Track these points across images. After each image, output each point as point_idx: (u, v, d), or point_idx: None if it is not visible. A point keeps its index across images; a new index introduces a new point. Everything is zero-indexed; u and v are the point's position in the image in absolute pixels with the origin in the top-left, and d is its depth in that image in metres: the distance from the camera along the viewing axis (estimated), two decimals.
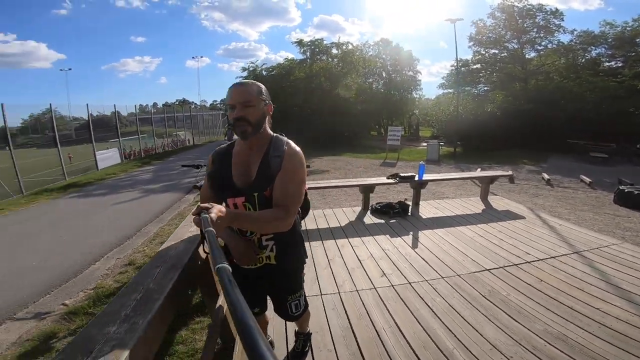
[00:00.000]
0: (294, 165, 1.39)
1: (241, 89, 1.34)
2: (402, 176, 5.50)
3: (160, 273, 1.44)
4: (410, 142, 23.78)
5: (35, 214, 7.24)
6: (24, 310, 3.27)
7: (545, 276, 3.05)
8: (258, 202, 1.38)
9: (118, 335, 1.05)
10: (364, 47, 29.68)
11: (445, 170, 11.35)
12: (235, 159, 1.44)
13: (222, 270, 0.66)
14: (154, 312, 1.18)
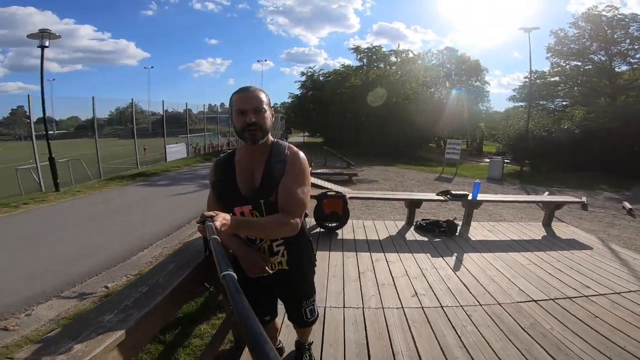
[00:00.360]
0: (297, 168, 1.39)
1: (252, 95, 1.33)
2: (454, 194, 5.14)
3: (173, 269, 1.46)
4: (472, 157, 22.47)
5: (104, 198, 8.09)
6: (71, 289, 3.57)
7: (601, 312, 2.69)
8: (265, 209, 1.37)
9: (109, 324, 1.06)
10: (426, 56, 28.68)
11: (508, 191, 10.42)
12: (238, 168, 1.43)
13: (228, 277, 0.67)
14: (151, 306, 1.19)
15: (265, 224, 1.27)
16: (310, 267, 1.71)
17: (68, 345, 0.96)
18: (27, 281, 3.63)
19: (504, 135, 19.26)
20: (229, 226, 1.06)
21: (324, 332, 2.36)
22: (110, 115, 34.15)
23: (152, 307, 1.18)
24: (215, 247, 0.85)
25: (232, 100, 1.35)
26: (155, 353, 2.27)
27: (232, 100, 1.35)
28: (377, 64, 23.69)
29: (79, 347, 0.95)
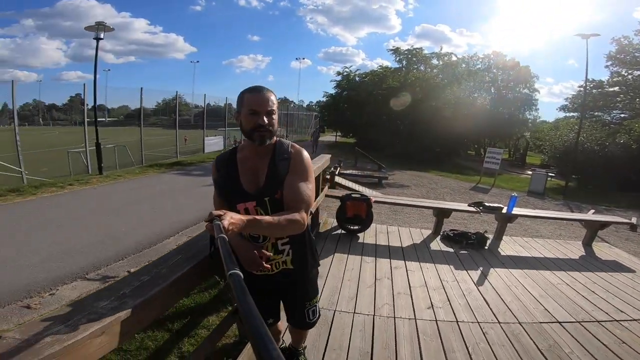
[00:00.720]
0: (302, 165, 1.39)
1: (266, 97, 1.32)
2: (487, 206, 4.88)
3: (178, 261, 1.47)
4: (513, 168, 21.27)
5: (141, 184, 8.52)
6: (96, 272, 3.74)
7: (631, 339, 2.50)
8: (270, 206, 1.37)
9: (102, 311, 1.07)
10: (470, 60, 27.26)
11: (549, 206, 9.74)
12: (241, 166, 1.42)
13: (234, 276, 0.68)
14: (148, 296, 1.19)
15: (275, 222, 1.22)
16: (314, 265, 1.69)
17: (57, 328, 0.97)
18: (59, 261, 3.86)
19: (550, 147, 17.96)
20: (237, 225, 1.06)
21: (330, 336, 2.30)
22: (157, 106, 36.04)
23: (148, 297, 1.18)
24: (223, 246, 0.86)
25: (243, 98, 1.33)
26: (160, 340, 2.33)
27: (243, 98, 1.33)
28: (417, 66, 23.04)
29: (66, 331, 0.96)
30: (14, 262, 3.70)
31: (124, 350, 2.21)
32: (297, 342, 1.98)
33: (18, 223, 5.04)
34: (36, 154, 14.18)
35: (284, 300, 1.71)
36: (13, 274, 3.45)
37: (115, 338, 1.07)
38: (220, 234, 0.93)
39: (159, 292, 1.24)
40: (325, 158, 4.60)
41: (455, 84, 21.02)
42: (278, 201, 1.36)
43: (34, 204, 6.12)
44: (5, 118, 11.11)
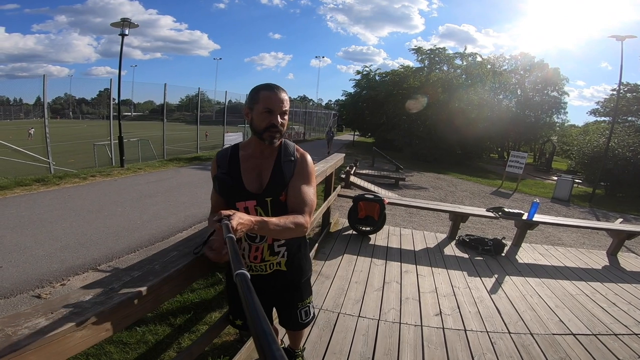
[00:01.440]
0: (307, 170, 1.39)
1: (283, 96, 1.30)
2: (507, 212, 4.68)
3: (173, 257, 1.43)
4: (538, 172, 20.49)
5: (160, 177, 8.69)
6: (107, 264, 3.79)
7: None
8: (271, 206, 1.34)
9: (86, 305, 1.05)
10: (496, 60, 26.34)
11: (573, 214, 9.31)
12: (244, 164, 1.38)
13: (241, 276, 0.70)
14: (135, 292, 1.16)
15: (281, 223, 1.21)
16: (308, 268, 1.65)
17: (37, 321, 0.95)
18: (73, 251, 3.95)
19: (578, 152, 17.07)
20: (247, 226, 1.08)
21: (331, 339, 2.25)
22: (181, 102, 36.88)
23: (135, 293, 1.15)
24: (230, 246, 0.88)
25: (258, 95, 1.29)
26: (161, 334, 2.33)
27: (258, 95, 1.29)
28: (440, 66, 22.45)
29: (45, 324, 0.94)
30: (31, 251, 3.82)
31: (123, 343, 2.23)
32: (294, 343, 1.94)
33: (39, 212, 5.22)
34: (65, 146, 14.80)
35: (276, 302, 1.66)
36: (28, 263, 3.55)
37: (97, 333, 1.04)
38: (229, 234, 0.94)
39: (147, 290, 1.21)
40: (338, 157, 4.52)
41: (479, 84, 20.38)
42: (281, 203, 1.34)
43: (55, 194, 6.33)
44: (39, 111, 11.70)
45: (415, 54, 22.80)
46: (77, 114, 39.60)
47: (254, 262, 1.45)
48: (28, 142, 13.74)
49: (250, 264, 1.45)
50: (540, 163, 24.01)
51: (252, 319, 0.54)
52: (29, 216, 5.01)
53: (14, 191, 6.20)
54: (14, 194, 6.06)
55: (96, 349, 2.14)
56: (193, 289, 3.01)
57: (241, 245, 1.43)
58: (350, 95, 26.52)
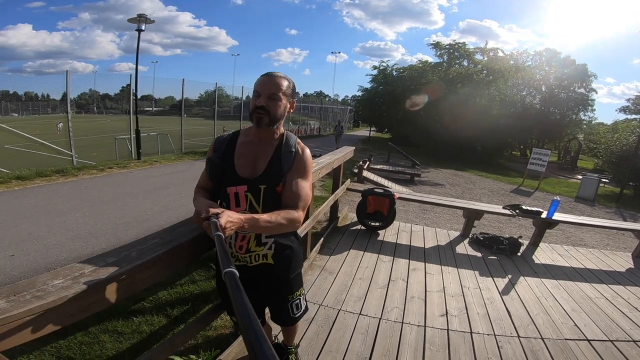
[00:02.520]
0: (306, 164, 1.38)
1: (270, 80, 1.30)
2: (525, 209, 4.46)
3: (152, 245, 1.39)
4: (562, 171, 19.64)
5: (174, 170, 8.81)
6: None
7: None
8: (263, 194, 1.32)
9: (51, 289, 1.02)
10: (520, 56, 25.36)
11: (598, 214, 8.83)
12: (240, 149, 1.37)
13: (229, 275, 0.69)
14: (103, 278, 1.12)
15: (272, 220, 1.20)
16: (299, 263, 1.59)
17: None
18: (83, 241, 4.02)
19: (606, 151, 16.28)
20: (236, 224, 1.07)
21: (329, 337, 2.17)
22: (200, 97, 37.51)
23: (104, 280, 1.11)
24: (218, 244, 0.88)
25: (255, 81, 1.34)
26: (157, 325, 2.31)
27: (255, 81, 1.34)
28: (460, 61, 21.85)
29: (4, 306, 0.92)
30: (43, 240, 3.91)
31: (118, 333, 2.22)
32: (287, 338, 1.88)
33: (55, 202, 5.36)
34: (89, 140, 15.26)
35: (265, 297, 1.59)
36: (39, 252, 3.63)
37: (61, 317, 1.01)
38: (217, 232, 0.95)
39: (116, 276, 1.16)
40: (347, 149, 4.41)
41: (501, 80, 19.70)
42: (275, 193, 1.32)
43: (73, 185, 6.51)
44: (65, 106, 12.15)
45: (434, 48, 22.30)
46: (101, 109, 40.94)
47: (239, 252, 1.39)
48: (57, 136, 14.24)
49: (236, 254, 1.40)
50: (564, 161, 23.01)
51: (241, 318, 0.53)
52: (46, 206, 5.15)
53: (34, 181, 6.41)
54: (34, 185, 6.27)
55: (90, 338, 2.14)
56: (194, 280, 3.00)
57: None
58: (367, 91, 26.17)
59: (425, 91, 19.09)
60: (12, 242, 3.79)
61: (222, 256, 0.81)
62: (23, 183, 6.20)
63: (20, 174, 6.51)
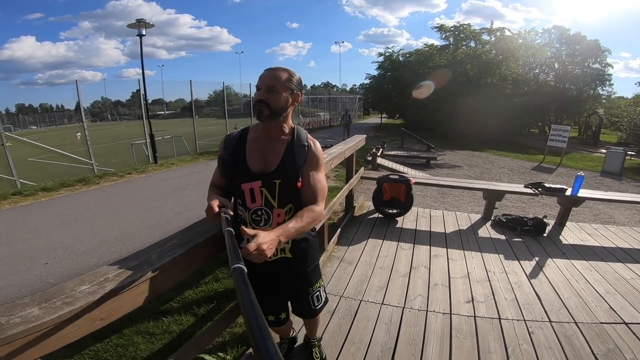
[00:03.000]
0: (319, 158, 1.41)
1: (269, 74, 1.32)
2: (548, 187, 4.31)
3: (171, 246, 1.41)
4: (585, 146, 18.94)
5: (190, 171, 8.94)
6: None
7: None
8: (279, 189, 1.33)
9: (79, 295, 1.05)
10: (528, 35, 24.44)
11: (627, 188, 8.49)
12: (251, 145, 1.39)
13: (237, 270, 0.70)
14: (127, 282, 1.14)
15: (302, 224, 1.25)
16: (315, 255, 1.61)
17: (29, 310, 0.96)
18: (111, 246, 4.13)
19: (629, 124, 15.74)
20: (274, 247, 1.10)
21: (352, 328, 2.16)
22: (210, 97, 37.88)
23: (127, 283, 1.13)
24: (228, 240, 0.91)
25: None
26: (185, 324, 2.36)
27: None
28: (467, 42, 21.32)
29: (37, 313, 0.95)
30: (72, 248, 4.05)
31: (150, 334, 2.29)
32: (309, 331, 1.90)
33: (81, 210, 5.55)
34: (107, 147, 15.68)
35: (286, 291, 1.62)
36: (70, 259, 3.77)
37: (90, 322, 1.03)
38: (227, 228, 0.96)
39: (138, 279, 1.19)
40: (359, 138, 4.36)
41: (511, 59, 19.11)
42: (289, 186, 1.33)
43: (95, 193, 6.71)
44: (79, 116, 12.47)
45: (439, 31, 21.83)
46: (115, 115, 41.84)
47: None
48: (76, 145, 14.68)
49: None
50: (586, 136, 22.26)
51: (247, 314, 0.54)
52: (72, 214, 5.33)
53: (59, 192, 6.63)
54: (60, 195, 6.49)
55: (125, 340, 2.22)
56: (217, 278, 3.05)
57: None
58: (374, 78, 25.80)
59: (434, 75, 18.69)
60: (45, 250, 3.95)
61: (232, 252, 0.83)
62: (49, 194, 6.43)
63: (45, 186, 6.76)
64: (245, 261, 1.38)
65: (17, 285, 3.19)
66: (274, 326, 1.70)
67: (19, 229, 4.69)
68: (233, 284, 2.88)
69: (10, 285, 3.19)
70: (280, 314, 1.67)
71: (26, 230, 4.66)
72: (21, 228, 4.74)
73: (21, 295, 3.02)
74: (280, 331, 1.84)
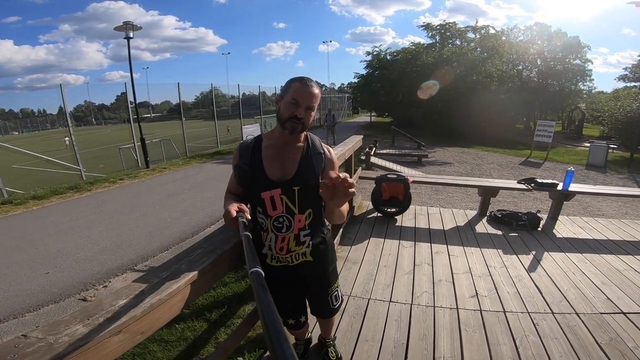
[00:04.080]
0: (335, 162, 1.47)
1: (311, 92, 1.30)
2: (540, 182, 4.44)
3: (198, 255, 1.44)
4: (569, 140, 19.46)
5: (184, 175, 8.87)
6: (143, 263, 3.92)
7: None
8: (298, 196, 1.36)
9: (120, 309, 1.06)
10: (511, 32, 25.09)
11: (611, 181, 8.79)
12: (267, 153, 1.39)
13: (255, 274, 0.71)
14: (164, 294, 1.16)
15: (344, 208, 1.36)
16: (333, 256, 1.65)
17: (75, 327, 0.97)
18: (111, 253, 4.11)
19: (610, 118, 16.38)
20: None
21: (363, 326, 2.21)
22: (196, 99, 37.49)
23: (165, 295, 1.15)
24: (246, 244, 0.92)
25: (290, 86, 1.32)
26: (199, 330, 2.38)
27: (290, 86, 1.32)
28: (452, 40, 21.73)
29: (82, 330, 0.96)
30: (73, 256, 4.01)
31: (165, 341, 2.30)
32: (325, 332, 1.94)
33: (76, 218, 5.46)
34: (93, 152, 15.39)
35: (306, 292, 1.67)
36: (71, 268, 3.73)
37: (133, 337, 1.06)
38: (245, 232, 0.98)
39: (175, 290, 1.21)
40: (356, 139, 4.42)
41: (496, 57, 19.56)
42: (307, 192, 1.37)
43: (89, 199, 6.60)
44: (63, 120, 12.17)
45: (425, 30, 22.21)
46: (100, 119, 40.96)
47: (280, 254, 1.44)
48: (62, 151, 14.34)
49: (277, 256, 1.45)
50: (570, 130, 22.92)
51: (264, 318, 0.54)
52: (68, 222, 5.25)
53: (51, 200, 6.51)
54: (51, 203, 6.37)
55: (141, 349, 2.22)
56: (225, 282, 3.06)
57: (267, 236, 1.42)
58: (363, 77, 25.96)
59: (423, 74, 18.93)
60: (44, 260, 3.90)
61: (249, 256, 0.84)
62: (40, 202, 6.31)
63: (35, 194, 6.62)
64: (268, 267, 1.43)
65: (21, 295, 3.15)
66: (295, 329, 1.74)
67: (15, 239, 4.61)
68: (241, 288, 2.92)
69: (14, 296, 3.15)
70: (300, 317, 1.71)
71: (22, 239, 4.58)
72: (16, 238, 4.66)
73: (27, 306, 2.98)
74: (298, 334, 1.88)
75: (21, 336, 0.94)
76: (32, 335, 0.94)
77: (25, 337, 0.93)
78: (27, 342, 0.91)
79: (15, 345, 0.88)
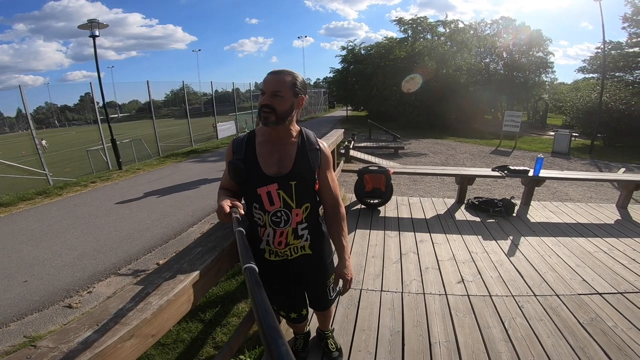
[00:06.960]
0: (329, 158, 1.49)
1: (274, 78, 1.30)
2: (512, 169, 4.66)
3: (198, 253, 1.43)
4: (534, 129, 20.49)
5: (160, 175, 8.61)
6: (127, 267, 3.81)
7: None
8: (295, 190, 1.37)
9: (127, 313, 1.04)
10: (478, 26, 25.99)
11: (576, 167, 9.35)
12: (261, 148, 1.39)
13: (249, 270, 0.71)
14: (170, 295, 1.15)
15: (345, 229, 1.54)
16: (330, 249, 1.67)
17: (86, 334, 0.95)
18: (91, 258, 3.97)
19: (571, 108, 17.48)
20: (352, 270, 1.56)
21: (358, 317, 2.27)
22: (167, 97, 36.32)
23: (172, 296, 1.15)
24: (239, 240, 0.92)
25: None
26: (195, 331, 2.35)
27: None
28: (424, 34, 22.25)
29: (94, 337, 0.94)
30: (51, 263, 3.83)
31: (161, 345, 2.26)
32: (322, 324, 1.97)
33: (48, 224, 5.19)
34: (58, 155, 14.57)
35: (306, 286, 1.69)
36: (51, 275, 3.57)
37: (144, 340, 1.04)
38: (238, 228, 0.96)
39: (181, 290, 1.21)
40: (338, 133, 4.47)
41: (465, 50, 20.24)
42: (304, 187, 1.39)
43: (60, 204, 6.29)
44: (23, 123, 11.40)
45: (397, 24, 22.58)
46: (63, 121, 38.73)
47: (278, 248, 1.45)
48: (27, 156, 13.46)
49: (275, 250, 1.46)
50: (535, 120, 24.13)
51: (258, 313, 0.54)
52: (40, 228, 4.99)
53: (18, 206, 6.15)
54: (19, 209, 6.02)
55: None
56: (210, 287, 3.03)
57: (265, 231, 1.42)
58: (338, 72, 26.10)
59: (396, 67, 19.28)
60: (20, 268, 3.71)
61: (243, 252, 0.84)
62: (7, 209, 5.95)
63: (1, 201, 6.22)
64: (266, 262, 1.45)
65: (0, 305, 2.98)
66: (297, 323, 1.76)
67: None
68: (233, 286, 2.90)
69: None
70: (302, 310, 1.73)
71: None
72: None
73: (10, 315, 2.83)
74: (298, 327, 1.90)
75: (30, 346, 0.92)
76: (42, 345, 0.91)
77: (36, 348, 0.91)
78: (38, 352, 0.88)
79: (28, 357, 0.85)
